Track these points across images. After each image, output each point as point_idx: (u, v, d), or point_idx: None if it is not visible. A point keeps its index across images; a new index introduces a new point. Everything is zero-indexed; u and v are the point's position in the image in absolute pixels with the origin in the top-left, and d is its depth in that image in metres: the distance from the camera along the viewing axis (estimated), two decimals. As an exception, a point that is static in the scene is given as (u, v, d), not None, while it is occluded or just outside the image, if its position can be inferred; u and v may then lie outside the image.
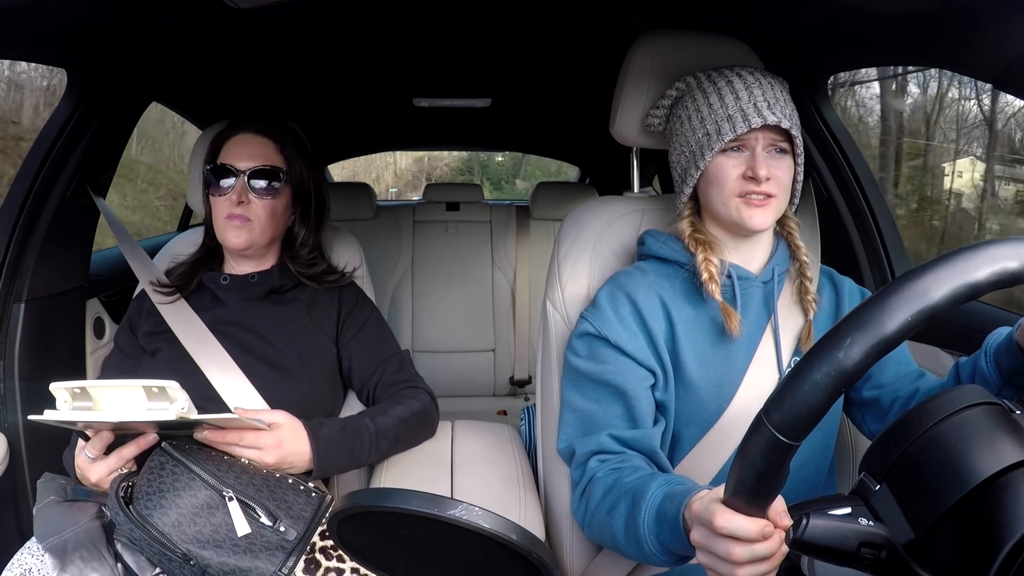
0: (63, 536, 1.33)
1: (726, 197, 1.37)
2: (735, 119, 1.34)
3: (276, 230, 1.74)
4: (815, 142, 2.12)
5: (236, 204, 1.66)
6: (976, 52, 1.27)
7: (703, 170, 1.39)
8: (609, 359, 1.40)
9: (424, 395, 1.73)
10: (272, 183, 1.69)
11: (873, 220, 2.10)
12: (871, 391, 1.49)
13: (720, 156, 1.37)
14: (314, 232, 1.81)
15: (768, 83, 1.38)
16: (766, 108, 1.33)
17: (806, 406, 0.69)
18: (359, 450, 1.56)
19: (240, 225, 1.66)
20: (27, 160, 1.97)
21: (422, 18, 2.15)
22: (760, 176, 1.32)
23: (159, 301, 1.70)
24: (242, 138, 1.71)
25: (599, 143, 2.43)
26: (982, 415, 0.82)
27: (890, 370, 1.49)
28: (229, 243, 1.69)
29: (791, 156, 1.38)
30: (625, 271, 1.50)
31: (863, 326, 0.68)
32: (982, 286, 0.67)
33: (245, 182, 1.66)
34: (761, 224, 1.36)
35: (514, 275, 3.65)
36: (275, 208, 1.70)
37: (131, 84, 2.10)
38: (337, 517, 0.98)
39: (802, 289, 1.47)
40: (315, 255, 1.81)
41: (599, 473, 1.36)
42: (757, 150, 1.34)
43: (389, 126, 3.89)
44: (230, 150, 1.70)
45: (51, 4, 1.42)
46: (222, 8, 1.54)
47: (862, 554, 0.74)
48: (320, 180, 1.82)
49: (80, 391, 1.23)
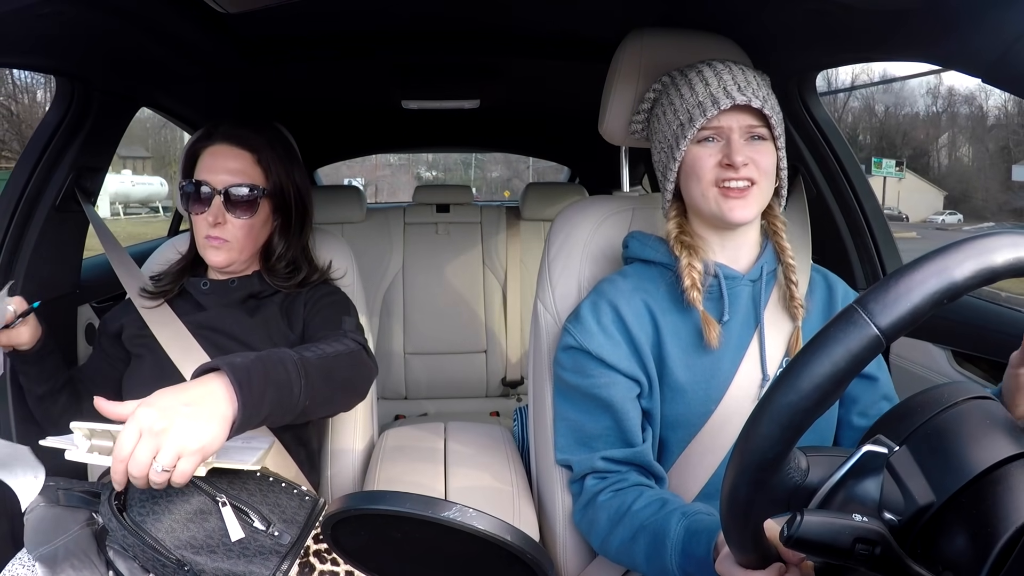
0: (54, 544, 1.32)
1: (704, 188, 1.36)
2: (705, 104, 1.33)
3: (256, 244, 1.72)
4: (804, 139, 2.13)
5: (213, 225, 1.63)
6: (965, 47, 1.28)
7: (680, 162, 1.38)
8: (594, 373, 1.41)
9: (353, 343, 1.49)
10: (249, 201, 1.65)
11: (863, 217, 2.10)
12: (859, 418, 1.48)
13: (695, 147, 1.36)
14: (295, 241, 1.77)
15: (740, 69, 1.37)
16: (736, 90, 1.32)
17: (909, 302, 0.68)
18: (285, 380, 1.23)
19: (219, 246, 1.65)
20: (17, 167, 1.96)
21: (410, 21, 2.15)
22: (736, 162, 1.31)
23: (142, 306, 1.69)
24: (217, 150, 1.66)
25: (588, 143, 2.44)
26: (977, 409, 0.82)
27: (877, 401, 1.49)
28: (209, 261, 1.68)
29: (771, 142, 1.36)
30: (608, 279, 1.50)
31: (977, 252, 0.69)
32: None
33: (221, 203, 1.63)
34: (742, 217, 1.35)
35: (505, 276, 3.65)
36: (253, 225, 1.68)
37: (120, 90, 2.09)
38: (331, 520, 0.98)
39: (788, 294, 1.46)
40: (292, 268, 1.76)
41: (601, 497, 1.40)
42: (733, 137, 1.33)
43: (378, 129, 3.88)
44: (205, 163, 1.66)
45: (38, 10, 1.42)
46: (210, 12, 1.53)
47: (856, 550, 0.74)
48: (302, 185, 1.78)
49: (101, 432, 1.22)
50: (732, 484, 0.78)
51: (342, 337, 1.49)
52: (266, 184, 1.68)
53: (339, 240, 2.00)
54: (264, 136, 1.72)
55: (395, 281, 3.60)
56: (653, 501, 1.32)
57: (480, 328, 3.63)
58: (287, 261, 1.76)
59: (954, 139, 33.89)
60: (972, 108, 33.64)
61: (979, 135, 32.75)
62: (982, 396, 0.84)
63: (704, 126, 1.34)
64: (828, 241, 2.13)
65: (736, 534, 0.86)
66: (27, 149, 1.98)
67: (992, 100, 32.27)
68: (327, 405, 1.43)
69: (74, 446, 1.22)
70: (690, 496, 1.42)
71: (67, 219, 2.06)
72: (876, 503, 0.78)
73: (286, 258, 1.76)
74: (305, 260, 1.81)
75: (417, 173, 32.50)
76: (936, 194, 32.89)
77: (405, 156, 23.37)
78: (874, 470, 0.79)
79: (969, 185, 31.74)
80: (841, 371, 0.69)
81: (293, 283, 1.74)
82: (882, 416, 0.89)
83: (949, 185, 32.57)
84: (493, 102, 3.05)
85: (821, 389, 0.70)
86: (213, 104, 2.70)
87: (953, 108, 33.66)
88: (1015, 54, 1.15)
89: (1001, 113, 33.11)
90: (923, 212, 31.81)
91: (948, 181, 32.70)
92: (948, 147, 33.99)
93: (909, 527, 0.78)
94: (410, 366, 3.55)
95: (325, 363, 1.35)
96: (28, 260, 1.95)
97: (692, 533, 1.20)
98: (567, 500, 1.54)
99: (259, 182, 1.67)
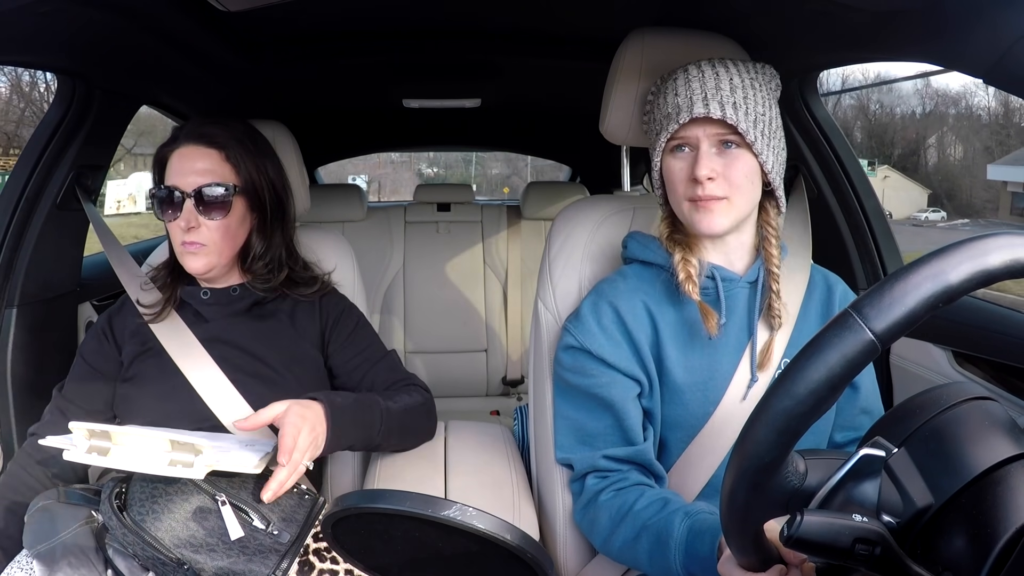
0: (51, 543, 1.32)
1: (678, 200, 1.35)
2: (671, 115, 1.31)
3: (235, 246, 1.66)
4: (805, 139, 2.13)
5: (187, 230, 1.57)
6: (966, 47, 1.27)
7: (659, 170, 1.37)
8: (594, 372, 1.41)
9: (424, 392, 1.71)
10: (222, 201, 1.59)
11: (864, 217, 2.10)
12: (846, 432, 1.48)
13: (669, 156, 1.35)
14: (276, 240, 1.71)
15: (715, 72, 1.32)
16: (701, 100, 1.28)
17: (905, 307, 0.68)
18: (371, 423, 1.52)
19: (196, 251, 1.59)
20: (18, 165, 1.97)
21: (411, 19, 2.15)
22: (700, 176, 1.28)
23: (149, 320, 1.63)
24: (184, 151, 1.60)
25: (589, 142, 2.43)
26: (976, 410, 0.82)
27: (856, 415, 1.48)
28: (189, 268, 1.61)
29: (747, 149, 1.31)
30: (608, 279, 1.50)
31: (972, 254, 0.68)
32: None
33: (193, 206, 1.57)
34: (711, 228, 1.33)
35: (506, 275, 3.65)
36: (228, 226, 1.61)
37: (121, 88, 2.09)
38: (331, 519, 0.98)
39: (767, 302, 1.42)
40: (272, 267, 1.69)
41: (602, 496, 1.40)
42: (702, 148, 1.30)
43: (379, 127, 3.88)
44: (173, 167, 1.60)
45: (38, 8, 1.42)
46: (211, 11, 1.53)
47: (856, 550, 0.74)
48: (276, 179, 1.71)
49: (100, 432, 1.22)
50: (731, 488, 0.78)
51: (418, 389, 1.71)
52: (237, 181, 1.62)
53: (340, 239, 1.99)
54: (231, 132, 1.65)
55: (396, 280, 3.61)
56: (655, 501, 1.32)
57: (480, 327, 3.63)
58: (266, 260, 1.69)
59: (942, 139, 34.04)
60: (959, 109, 33.83)
61: (964, 135, 32.93)
62: (982, 397, 0.84)
63: (673, 135, 1.32)
64: (828, 241, 2.13)
65: (736, 537, 0.87)
66: (27, 147, 1.98)
67: (976, 100, 32.46)
68: (398, 446, 1.69)
69: (73, 446, 1.23)
70: (691, 496, 1.42)
71: (68, 217, 2.06)
72: (874, 506, 0.78)
73: (265, 258, 1.69)
74: (291, 258, 1.75)
75: (419, 170, 32.56)
76: (920, 192, 33.01)
77: (406, 154, 23.40)
78: (872, 473, 0.79)
79: (954, 184, 31.93)
80: (836, 376, 0.69)
81: (274, 283, 1.68)
82: (882, 418, 0.89)
83: (933, 184, 32.76)
84: (494, 101, 3.05)
85: (816, 394, 0.70)
86: (214, 102, 2.70)
87: (940, 109, 33.86)
88: (1016, 55, 1.15)
89: (984, 114, 33.36)
90: (907, 210, 31.92)
91: (932, 180, 32.89)
92: (933, 146, 34.17)
93: (908, 528, 0.78)
94: (410, 365, 3.54)
95: (404, 416, 1.61)
96: (29, 258, 1.95)
97: (696, 533, 1.20)
98: (567, 499, 1.54)
99: (230, 180, 1.61)
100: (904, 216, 31.55)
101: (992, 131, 32.51)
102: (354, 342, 1.73)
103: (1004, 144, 31.13)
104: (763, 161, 1.32)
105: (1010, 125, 31.53)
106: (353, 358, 1.72)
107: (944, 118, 33.72)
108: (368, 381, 1.70)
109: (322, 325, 1.72)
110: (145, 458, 1.23)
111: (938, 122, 33.68)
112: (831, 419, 1.47)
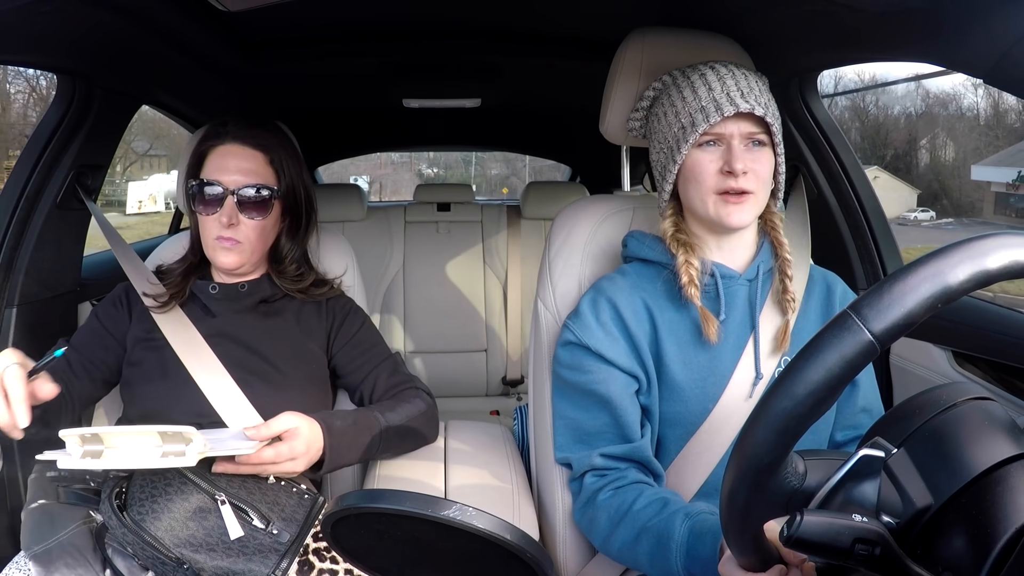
0: (48, 543, 1.32)
1: (704, 193, 1.36)
2: (708, 110, 1.32)
3: (266, 246, 1.69)
4: (805, 139, 2.12)
5: (226, 227, 1.59)
6: (967, 48, 1.27)
7: (680, 165, 1.38)
8: (592, 368, 1.41)
9: (427, 396, 1.71)
10: (263, 202, 1.62)
11: (864, 217, 2.10)
12: (846, 431, 1.49)
13: (696, 151, 1.36)
14: (301, 242, 1.75)
15: (743, 74, 1.37)
16: (739, 97, 1.32)
17: (903, 308, 0.68)
18: (369, 444, 1.53)
19: (231, 247, 1.61)
20: (18, 164, 1.96)
21: (411, 20, 2.15)
22: (736, 169, 1.31)
23: (154, 310, 1.64)
24: (228, 149, 1.62)
25: (589, 142, 2.43)
26: (976, 410, 0.82)
27: (855, 413, 1.48)
28: (219, 263, 1.64)
29: (770, 148, 1.36)
30: (608, 277, 1.50)
31: (971, 255, 0.68)
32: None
33: (234, 204, 1.59)
34: (739, 222, 1.35)
35: (506, 275, 3.65)
36: (265, 227, 1.65)
37: (122, 88, 2.09)
38: (331, 518, 0.98)
39: (782, 288, 1.45)
40: (302, 269, 1.74)
41: (601, 496, 1.40)
42: (733, 143, 1.33)
43: (379, 127, 3.88)
44: (215, 163, 1.62)
45: (39, 8, 1.42)
46: (212, 11, 1.53)
47: (856, 551, 0.74)
48: (309, 185, 1.76)
49: (91, 436, 1.22)
50: (730, 489, 0.78)
51: (420, 394, 1.70)
52: (279, 185, 1.65)
53: (340, 238, 1.99)
54: (277, 137, 1.69)
55: (396, 279, 3.61)
56: (654, 501, 1.32)
57: (480, 327, 3.63)
58: (297, 262, 1.74)
59: (934, 139, 34.10)
60: (950, 111, 33.92)
61: (954, 136, 33.01)
62: (982, 397, 0.84)
63: (706, 131, 1.33)
64: (828, 241, 2.13)
65: (736, 537, 0.86)
66: (28, 146, 1.97)
67: (966, 102, 32.56)
68: (399, 453, 1.67)
69: (67, 454, 1.22)
70: (688, 494, 1.42)
71: (68, 217, 2.06)
72: (874, 506, 0.78)
73: (296, 258, 1.74)
74: (308, 267, 1.78)
75: (419, 170, 32.57)
76: (910, 192, 33.09)
77: (407, 154, 23.41)
78: (871, 473, 0.79)
79: (944, 184, 32.04)
80: (835, 377, 0.69)
81: (303, 285, 1.71)
82: (881, 418, 0.89)
83: (923, 184, 32.89)
84: (494, 101, 3.05)
85: (816, 395, 0.70)
86: (214, 102, 2.70)
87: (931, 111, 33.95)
88: (1016, 55, 1.15)
89: (971, 115, 33.49)
90: (897, 209, 32.00)
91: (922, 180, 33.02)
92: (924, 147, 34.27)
93: (908, 528, 0.78)
94: (410, 365, 3.54)
95: (405, 428, 1.62)
96: (29, 258, 1.95)
97: (697, 534, 1.20)
98: (567, 499, 1.54)
99: (272, 183, 1.64)
100: (894, 216, 31.65)
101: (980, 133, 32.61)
102: (359, 343, 1.74)
103: (992, 145, 31.20)
104: (780, 161, 1.37)
105: (999, 127, 31.61)
106: (357, 359, 1.73)
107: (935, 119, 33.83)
108: (370, 382, 1.71)
109: (328, 325, 1.73)
110: (138, 454, 1.22)
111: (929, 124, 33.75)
112: (831, 419, 1.47)
